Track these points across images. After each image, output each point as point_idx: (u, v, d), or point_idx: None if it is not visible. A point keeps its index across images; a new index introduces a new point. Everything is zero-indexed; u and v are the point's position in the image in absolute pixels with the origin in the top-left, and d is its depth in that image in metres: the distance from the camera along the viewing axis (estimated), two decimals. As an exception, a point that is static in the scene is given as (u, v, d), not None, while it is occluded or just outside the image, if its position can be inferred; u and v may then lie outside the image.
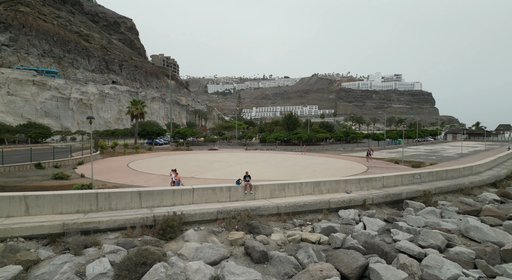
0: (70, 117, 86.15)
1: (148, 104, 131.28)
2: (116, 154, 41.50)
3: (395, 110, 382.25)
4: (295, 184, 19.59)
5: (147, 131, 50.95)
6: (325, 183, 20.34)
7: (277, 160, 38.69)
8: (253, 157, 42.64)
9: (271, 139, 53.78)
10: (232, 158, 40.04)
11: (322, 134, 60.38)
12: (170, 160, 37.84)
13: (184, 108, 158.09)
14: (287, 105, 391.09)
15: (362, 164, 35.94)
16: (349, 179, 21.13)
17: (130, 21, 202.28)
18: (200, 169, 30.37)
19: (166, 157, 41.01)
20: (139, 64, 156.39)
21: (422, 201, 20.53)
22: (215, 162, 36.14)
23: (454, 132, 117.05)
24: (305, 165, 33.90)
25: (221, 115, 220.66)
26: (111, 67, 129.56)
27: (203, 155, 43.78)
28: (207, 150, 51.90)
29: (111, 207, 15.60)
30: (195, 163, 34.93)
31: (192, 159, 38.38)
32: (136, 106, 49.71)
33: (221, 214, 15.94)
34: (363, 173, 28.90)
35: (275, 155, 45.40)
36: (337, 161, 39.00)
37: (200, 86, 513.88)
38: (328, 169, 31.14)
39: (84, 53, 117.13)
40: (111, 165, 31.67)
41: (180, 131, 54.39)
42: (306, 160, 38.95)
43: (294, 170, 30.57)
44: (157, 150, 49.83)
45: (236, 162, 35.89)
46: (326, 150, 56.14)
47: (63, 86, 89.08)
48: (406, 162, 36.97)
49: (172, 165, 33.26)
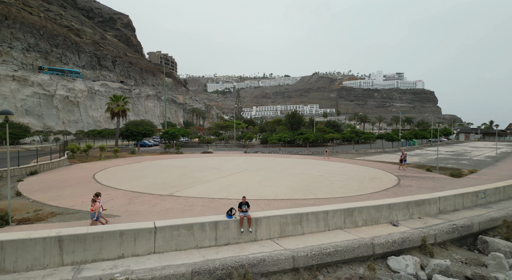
0: (54, 115, 79.35)
1: (142, 102, 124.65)
2: (89, 159, 34.79)
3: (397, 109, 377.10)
4: (317, 213, 12.87)
5: (130, 131, 44.13)
6: (361, 211, 13.63)
7: (282, 167, 31.99)
8: (253, 162, 35.90)
9: (274, 140, 47.13)
10: (227, 165, 33.32)
11: (331, 135, 53.64)
12: (152, 167, 31.12)
13: (181, 107, 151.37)
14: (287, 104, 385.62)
15: (388, 172, 29.22)
16: (394, 203, 14.43)
17: (126, 17, 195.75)
18: (184, 180, 23.66)
19: (149, 163, 34.29)
20: (134, 61, 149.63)
21: (505, 236, 13.84)
22: (206, 170, 29.43)
23: (467, 132, 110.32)
24: (318, 174, 27.19)
25: (220, 114, 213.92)
26: (103, 63, 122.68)
27: (194, 160, 37.03)
28: (200, 153, 45.18)
29: (5, 268, 8.95)
30: (181, 171, 28.22)
31: (179, 166, 31.65)
32: (117, 102, 42.70)
33: (199, 276, 9.29)
34: (397, 187, 22.19)
35: (279, 160, 38.67)
36: (355, 167, 32.28)
37: (199, 85, 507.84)
38: (349, 181, 24.44)
39: (74, 48, 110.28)
40: (73, 176, 24.96)
41: (169, 132, 47.50)
42: (317, 167, 32.24)
43: (306, 181, 23.87)
44: (141, 153, 43.07)
45: (232, 170, 29.19)
46: (336, 153, 49.38)
47: (48, 82, 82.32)
48: (440, 169, 30.25)
49: (153, 173, 26.59)
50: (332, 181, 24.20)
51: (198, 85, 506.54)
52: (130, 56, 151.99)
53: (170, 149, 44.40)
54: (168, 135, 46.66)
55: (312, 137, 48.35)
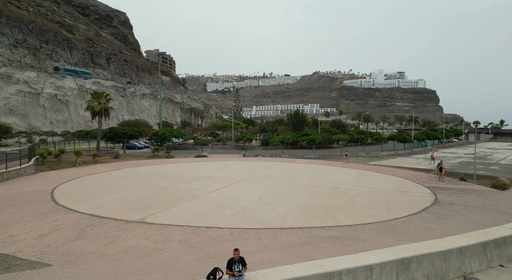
0: (40, 115, 74.34)
1: (138, 101, 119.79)
2: (62, 166, 29.83)
3: (398, 108, 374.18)
4: (355, 270, 7.97)
5: (115, 132, 39.03)
6: (421, 261, 8.73)
7: (288, 175, 27.10)
8: (253, 169, 30.99)
9: (276, 142, 42.22)
10: (223, 172, 28.42)
11: (339, 135, 48.69)
12: (133, 176, 26.20)
13: (178, 106, 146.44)
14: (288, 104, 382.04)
15: (415, 181, 24.31)
16: (466, 247, 9.50)
17: (123, 15, 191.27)
18: (166, 196, 18.76)
19: (131, 170, 29.36)
20: (129, 58, 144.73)
21: None
22: (197, 179, 24.53)
23: (477, 132, 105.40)
24: (332, 186, 22.29)
25: (219, 113, 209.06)
26: (97, 61, 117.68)
27: (185, 167, 32.10)
28: (194, 157, 40.24)
29: None
30: (166, 182, 23.32)
31: (165, 175, 26.73)
32: (99, 99, 37.55)
33: None
34: (437, 206, 17.29)
35: (282, 166, 33.76)
36: (373, 175, 27.38)
37: (199, 84, 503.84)
38: (373, 195, 19.55)
39: (66, 44, 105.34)
40: (27, 190, 20.03)
41: (158, 133, 42.33)
42: (329, 175, 27.35)
43: (319, 197, 18.99)
44: (126, 157, 37.99)
45: (227, 180, 24.31)
46: (344, 155, 44.44)
47: (34, 79, 77.35)
48: (477, 178, 25.33)
49: (130, 185, 21.72)
50: (351, 196, 19.30)
51: (197, 84, 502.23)
52: (126, 53, 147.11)
53: (159, 153, 39.45)
54: (157, 137, 41.67)
55: (318, 139, 43.43)
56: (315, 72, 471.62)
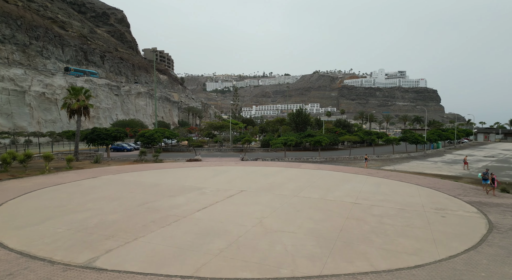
0: (26, 114, 69.88)
1: (133, 100, 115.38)
2: (29, 173, 25.43)
3: (399, 108, 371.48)
4: None
5: (97, 134, 34.55)
6: None
7: (294, 185, 22.79)
8: (252, 177, 26.64)
9: (278, 144, 37.85)
10: (216, 181, 24.07)
11: (347, 136, 44.23)
12: (108, 186, 21.84)
13: (175, 105, 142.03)
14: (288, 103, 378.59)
15: (449, 194, 19.98)
16: None
17: (120, 12, 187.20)
18: (138, 218, 14.43)
19: (109, 178, 25.00)
20: (125, 56, 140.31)
21: None
22: (183, 192, 20.21)
23: (486, 132, 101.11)
24: (350, 201, 17.97)
25: (218, 113, 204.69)
26: (91, 58, 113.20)
27: (173, 174, 27.71)
28: (186, 160, 35.86)
29: None
30: (144, 196, 18.97)
31: (147, 185, 22.36)
32: (77, 96, 33.05)
33: None
34: (496, 233, 12.95)
35: (287, 172, 29.42)
36: (395, 185, 23.07)
37: (198, 84, 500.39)
38: (405, 215, 15.22)
39: (57, 41, 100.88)
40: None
41: (145, 134, 37.75)
42: (342, 184, 23.02)
43: (337, 218, 14.68)
44: (108, 162, 33.54)
45: (220, 193, 19.99)
46: (355, 159, 40.11)
47: (21, 77, 72.97)
48: None
49: (97, 200, 17.41)
50: (378, 216, 14.97)
51: (197, 84, 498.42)
52: (121, 51, 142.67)
53: (147, 157, 35.03)
54: (144, 139, 37.19)
55: (325, 140, 39.08)
56: (315, 72, 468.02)
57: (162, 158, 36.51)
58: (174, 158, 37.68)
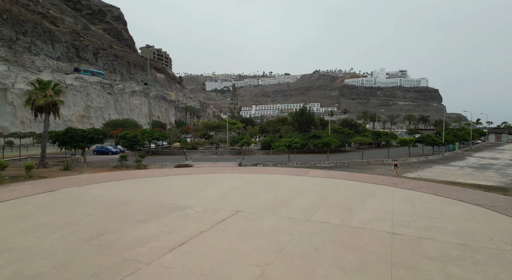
0: (9, 113, 64.89)
1: (127, 99, 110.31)
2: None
3: (401, 107, 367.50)
4: None
5: (70, 135, 29.49)
6: None
7: (304, 202, 17.84)
8: (251, 189, 21.63)
9: (281, 147, 32.84)
10: (205, 196, 19.07)
11: (359, 138, 39.04)
12: (62, 206, 16.83)
13: (172, 105, 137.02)
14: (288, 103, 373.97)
15: None
16: None
17: (117, 10, 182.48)
18: (79, 267, 9.51)
19: (71, 192, 20.00)
20: (120, 54, 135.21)
21: None
22: (158, 214, 15.23)
23: (498, 132, 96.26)
24: (386, 230, 13.00)
25: (217, 112, 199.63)
26: (83, 55, 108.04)
27: (154, 184, 22.63)
28: (174, 166, 30.85)
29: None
30: (104, 222, 13.99)
31: (116, 203, 17.32)
32: (44, 91, 27.75)
33: None
34: None
35: (292, 181, 24.42)
36: (433, 201, 18.13)
37: (198, 83, 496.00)
38: (478, 260, 10.30)
39: (47, 36, 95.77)
40: None
41: (127, 136, 32.49)
42: (367, 201, 18.05)
43: (377, 266, 9.74)
44: (83, 168, 28.41)
45: (208, 216, 15.05)
46: (368, 163, 35.12)
47: (4, 73, 67.99)
48: None
49: (41, 227, 12.42)
50: (437, 260, 9.99)
51: (196, 83, 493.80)
52: (116, 48, 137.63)
53: (127, 162, 29.95)
54: (126, 141, 32.02)
55: (335, 142, 34.08)
56: (315, 71, 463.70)
57: (148, 163, 31.50)
58: (161, 164, 32.63)
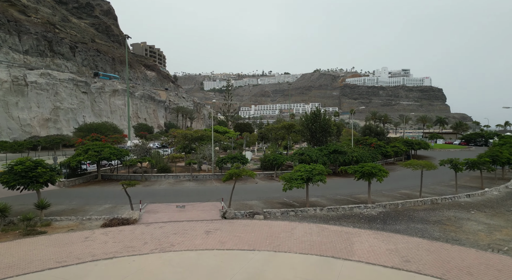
0: None
1: (107, 99, 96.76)
2: None
3: (404, 107, 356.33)
4: None
5: None
6: None
7: None
8: None
9: (296, 182, 19.15)
10: None
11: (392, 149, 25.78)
12: None
13: (161, 105, 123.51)
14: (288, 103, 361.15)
15: None
16: None
17: (107, 4, 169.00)
18: None
19: None
20: (103, 49, 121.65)
21: None
22: None
23: None
24: None
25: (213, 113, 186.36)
26: (57, 49, 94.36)
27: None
28: (101, 225, 17.02)
29: None
30: None
31: None
32: None
33: None
34: None
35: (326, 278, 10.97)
36: None
37: (196, 83, 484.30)
38: None
39: (12, 27, 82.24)
40: None
41: (24, 163, 17.20)
42: None
43: None
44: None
45: None
46: (438, 209, 21.93)
47: None
48: None
49: None
50: None
51: (194, 83, 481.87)
52: (99, 43, 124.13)
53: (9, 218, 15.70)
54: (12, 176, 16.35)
55: (367, 158, 20.59)
56: (316, 70, 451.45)
57: (60, 213, 17.85)
58: (86, 215, 18.50)
